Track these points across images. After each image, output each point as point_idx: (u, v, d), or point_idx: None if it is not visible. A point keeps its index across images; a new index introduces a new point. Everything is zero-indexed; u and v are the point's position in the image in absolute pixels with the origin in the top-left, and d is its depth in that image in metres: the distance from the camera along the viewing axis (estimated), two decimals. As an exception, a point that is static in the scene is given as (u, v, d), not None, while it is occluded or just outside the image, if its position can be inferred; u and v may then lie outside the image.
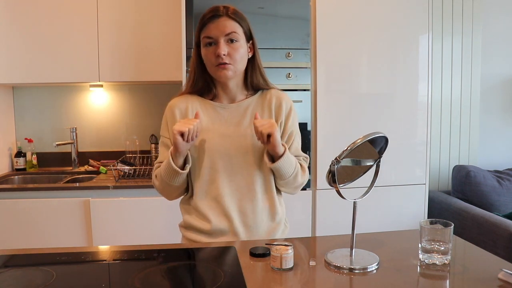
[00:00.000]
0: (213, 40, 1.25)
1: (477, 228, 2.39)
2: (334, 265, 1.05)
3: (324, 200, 2.35)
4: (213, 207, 1.29)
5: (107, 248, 1.21)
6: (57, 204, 2.29)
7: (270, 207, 1.33)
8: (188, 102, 1.33)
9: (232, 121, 1.32)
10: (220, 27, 1.24)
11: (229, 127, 1.31)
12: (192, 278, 1.01)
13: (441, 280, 1.00)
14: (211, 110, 1.33)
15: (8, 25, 2.49)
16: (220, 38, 1.24)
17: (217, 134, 1.30)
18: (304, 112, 2.31)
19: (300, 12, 2.27)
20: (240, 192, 1.30)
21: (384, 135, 1.07)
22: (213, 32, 1.24)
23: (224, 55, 1.23)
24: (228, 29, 1.24)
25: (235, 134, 1.30)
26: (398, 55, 2.38)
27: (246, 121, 1.32)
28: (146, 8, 2.55)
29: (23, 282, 0.97)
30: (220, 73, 1.26)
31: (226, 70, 1.25)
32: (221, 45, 1.23)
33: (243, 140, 1.30)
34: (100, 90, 2.88)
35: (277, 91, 1.38)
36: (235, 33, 1.25)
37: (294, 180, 1.30)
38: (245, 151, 1.29)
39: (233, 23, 1.26)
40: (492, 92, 3.03)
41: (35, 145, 2.85)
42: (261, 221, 1.31)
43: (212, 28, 1.24)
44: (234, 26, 1.25)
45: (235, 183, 1.30)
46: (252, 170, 1.30)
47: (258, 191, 1.31)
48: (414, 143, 2.44)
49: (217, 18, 1.25)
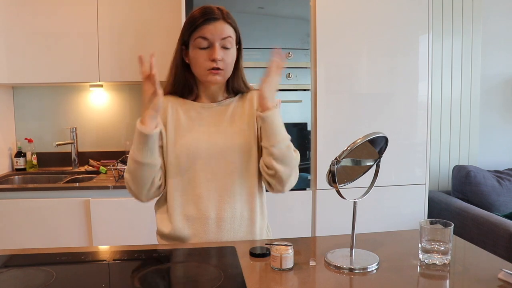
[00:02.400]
0: (208, 43, 1.21)
1: (477, 228, 2.39)
2: (334, 265, 1.05)
3: (324, 200, 2.35)
4: (188, 210, 1.24)
5: (107, 248, 1.21)
6: (57, 204, 2.29)
7: (251, 212, 1.27)
8: (169, 101, 1.29)
9: (213, 120, 1.29)
10: (218, 30, 1.21)
11: (209, 127, 1.28)
12: (192, 278, 1.01)
13: (441, 280, 1.00)
14: (191, 111, 1.30)
15: (8, 25, 2.49)
16: (216, 42, 1.21)
17: (198, 134, 1.26)
18: (304, 112, 2.31)
19: (300, 12, 2.27)
20: (219, 194, 1.25)
21: (384, 135, 1.07)
22: (209, 35, 1.20)
23: (219, 60, 1.21)
24: (225, 33, 1.21)
25: (216, 134, 1.27)
26: (398, 55, 2.38)
27: (227, 118, 1.29)
28: (146, 8, 2.55)
29: (23, 282, 0.97)
30: (211, 78, 1.23)
31: (218, 75, 1.23)
32: (217, 49, 1.20)
33: (224, 140, 1.26)
34: (100, 90, 2.88)
35: (257, 91, 1.31)
36: (230, 38, 1.23)
37: (288, 151, 1.21)
38: (226, 151, 1.25)
39: (228, 27, 1.23)
40: (492, 92, 3.03)
41: (35, 145, 2.84)
42: (239, 227, 1.26)
43: (208, 31, 1.20)
44: (230, 31, 1.23)
45: (214, 184, 1.24)
46: (233, 172, 1.25)
47: (238, 193, 1.26)
48: (414, 143, 2.44)
49: (213, 21, 1.21)
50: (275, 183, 1.23)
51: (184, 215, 1.25)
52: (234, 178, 1.25)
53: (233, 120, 1.29)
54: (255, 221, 1.28)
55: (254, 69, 2.22)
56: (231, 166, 1.25)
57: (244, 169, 1.26)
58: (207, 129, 1.27)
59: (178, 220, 1.24)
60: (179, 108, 1.29)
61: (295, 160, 1.24)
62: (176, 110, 1.28)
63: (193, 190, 1.24)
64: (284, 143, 1.21)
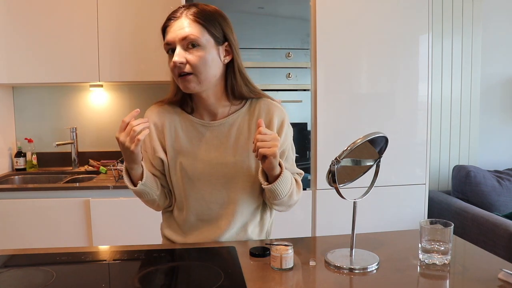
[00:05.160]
0: (171, 47, 1.08)
1: (477, 228, 2.39)
2: (334, 265, 1.05)
3: (324, 200, 2.35)
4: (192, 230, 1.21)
5: (107, 248, 1.21)
6: (57, 204, 2.29)
7: (257, 232, 1.25)
8: (166, 117, 1.19)
9: (214, 143, 1.17)
10: (176, 30, 1.07)
11: (210, 152, 1.17)
12: (192, 278, 1.01)
13: (441, 280, 1.00)
14: (190, 129, 1.18)
15: (8, 25, 2.49)
16: (177, 44, 1.07)
17: (197, 159, 1.17)
18: (304, 112, 2.31)
19: (300, 12, 2.27)
20: (217, 223, 1.20)
21: (384, 135, 1.07)
22: (170, 36, 1.08)
23: (181, 64, 1.06)
24: (183, 32, 1.06)
25: (217, 160, 1.16)
26: (398, 55, 2.38)
27: (230, 143, 1.17)
28: (146, 8, 2.55)
29: (23, 282, 0.97)
30: (181, 84, 1.10)
31: (186, 81, 1.08)
32: (178, 52, 1.06)
33: (225, 169, 1.17)
34: (100, 90, 2.88)
35: (268, 102, 1.20)
36: (192, 36, 1.05)
37: (289, 199, 1.17)
38: (228, 179, 1.17)
39: (193, 25, 1.06)
40: (492, 92, 3.03)
41: (35, 145, 2.84)
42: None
43: (169, 33, 1.08)
44: (194, 29, 1.06)
45: (214, 212, 1.19)
46: (235, 201, 1.18)
47: (238, 222, 1.20)
48: (414, 143, 2.44)
49: (174, 20, 1.08)
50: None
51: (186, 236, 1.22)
52: (236, 207, 1.19)
53: (237, 145, 1.18)
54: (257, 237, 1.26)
55: (254, 69, 2.23)
56: (234, 195, 1.19)
57: (247, 198, 1.20)
58: (207, 155, 1.17)
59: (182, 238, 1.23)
60: (177, 126, 1.19)
61: (296, 200, 1.21)
62: (174, 129, 1.19)
63: (193, 215, 1.20)
64: (286, 195, 1.14)
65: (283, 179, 1.10)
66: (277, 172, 1.09)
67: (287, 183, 1.13)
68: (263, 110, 1.18)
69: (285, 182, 1.12)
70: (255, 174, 1.17)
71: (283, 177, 1.10)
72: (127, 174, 1.14)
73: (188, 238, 1.23)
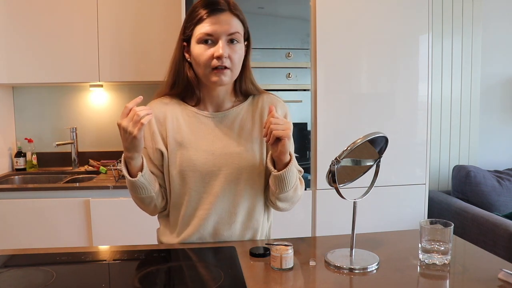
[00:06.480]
0: (212, 38, 1.08)
1: (477, 228, 2.39)
2: (334, 265, 1.05)
3: (324, 200, 2.35)
4: (189, 229, 1.19)
5: (107, 248, 1.21)
6: (57, 204, 2.29)
7: (252, 235, 1.22)
8: (168, 109, 1.17)
9: (217, 134, 1.16)
10: (223, 24, 1.07)
11: (213, 143, 1.16)
12: (192, 278, 1.01)
13: (441, 280, 1.00)
14: (193, 120, 1.17)
15: (8, 25, 2.49)
16: (221, 37, 1.07)
17: (199, 150, 1.15)
18: (304, 112, 2.31)
19: (300, 12, 2.27)
20: (219, 216, 1.17)
21: (384, 135, 1.07)
22: (214, 29, 1.07)
23: (225, 58, 1.07)
24: (232, 28, 1.08)
25: (220, 151, 1.15)
26: (398, 55, 2.38)
27: (234, 134, 1.17)
28: (146, 8, 2.55)
29: (23, 282, 0.97)
30: (216, 78, 1.09)
31: (223, 75, 1.08)
32: (223, 45, 1.06)
33: (229, 159, 1.15)
34: (100, 90, 2.88)
35: (269, 96, 1.23)
36: (238, 34, 1.09)
37: (294, 193, 1.17)
38: (231, 171, 1.15)
39: (236, 21, 1.09)
40: (492, 92, 3.03)
41: (35, 145, 2.84)
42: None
43: (213, 24, 1.07)
44: (237, 24, 1.09)
45: (214, 205, 1.16)
46: (237, 193, 1.17)
47: (240, 216, 1.18)
48: (414, 143, 2.44)
49: (219, 12, 1.07)
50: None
51: (185, 234, 1.20)
52: (238, 200, 1.18)
53: (241, 136, 1.18)
54: (257, 237, 1.25)
55: (254, 69, 2.21)
56: (236, 187, 1.17)
57: (249, 190, 1.19)
58: (211, 146, 1.16)
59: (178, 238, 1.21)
60: (179, 117, 1.17)
61: (300, 196, 1.21)
62: (176, 120, 1.17)
63: (191, 211, 1.18)
64: (292, 187, 1.14)
65: (292, 168, 1.11)
66: (287, 159, 1.10)
67: (294, 174, 1.14)
68: (266, 103, 1.21)
69: (293, 171, 1.13)
70: (259, 166, 1.18)
71: (292, 165, 1.10)
72: (126, 166, 1.12)
73: (186, 235, 1.20)
